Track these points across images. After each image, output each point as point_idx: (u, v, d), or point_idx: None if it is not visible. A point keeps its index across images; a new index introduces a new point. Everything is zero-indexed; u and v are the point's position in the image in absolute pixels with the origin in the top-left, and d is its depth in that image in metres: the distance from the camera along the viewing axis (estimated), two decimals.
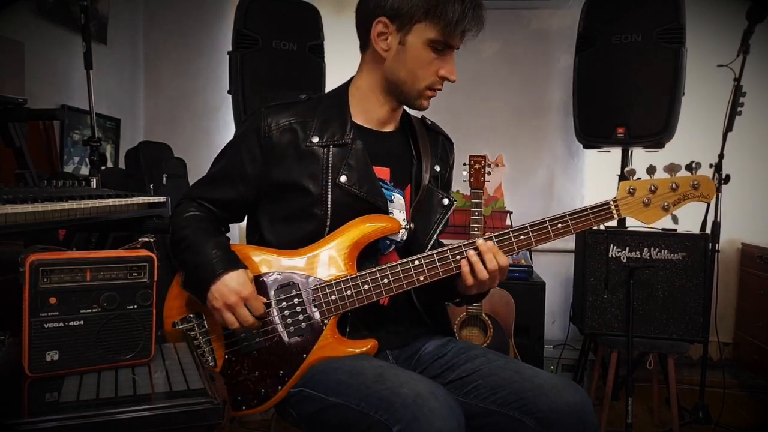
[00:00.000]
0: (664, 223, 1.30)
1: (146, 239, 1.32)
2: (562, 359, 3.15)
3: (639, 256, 2.39)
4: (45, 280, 0.93)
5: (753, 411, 2.87)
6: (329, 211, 1.26)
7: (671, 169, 1.22)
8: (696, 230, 2.48)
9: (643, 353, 2.67)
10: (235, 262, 1.22)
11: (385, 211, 1.28)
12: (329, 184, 1.26)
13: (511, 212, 3.27)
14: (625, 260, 2.39)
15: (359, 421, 1.04)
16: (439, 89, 1.29)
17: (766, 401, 2.99)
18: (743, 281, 3.26)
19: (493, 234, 1.23)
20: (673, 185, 1.23)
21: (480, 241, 1.21)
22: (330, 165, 1.26)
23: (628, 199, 1.24)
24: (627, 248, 2.39)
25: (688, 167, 1.22)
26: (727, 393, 2.63)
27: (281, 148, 1.26)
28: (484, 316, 2.47)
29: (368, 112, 1.33)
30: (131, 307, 0.99)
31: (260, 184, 1.29)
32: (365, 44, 1.30)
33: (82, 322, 0.95)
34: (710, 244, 2.39)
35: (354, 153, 1.27)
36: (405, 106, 1.36)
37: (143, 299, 1.00)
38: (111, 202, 1.47)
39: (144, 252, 1.02)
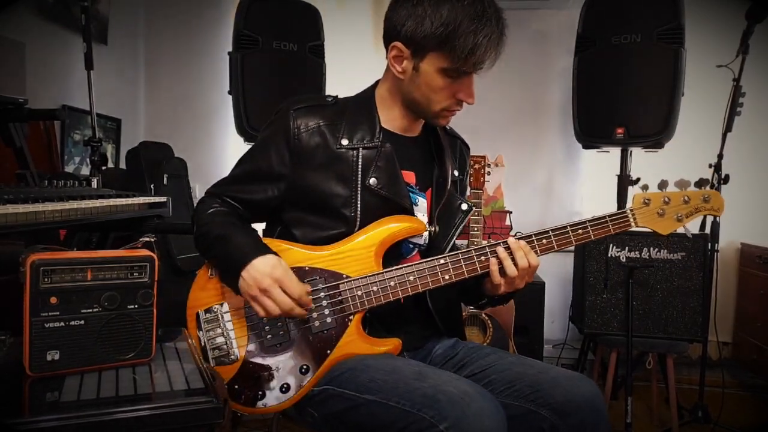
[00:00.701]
0: None
1: (147, 239, 1.33)
2: (561, 359, 3.16)
3: (638, 255, 2.39)
4: (46, 279, 0.93)
5: (752, 410, 2.88)
6: (359, 213, 1.27)
7: (682, 184, 1.28)
8: (695, 230, 2.49)
9: (643, 353, 2.67)
10: (265, 249, 1.21)
11: (412, 213, 1.29)
12: (359, 186, 1.27)
13: (511, 212, 3.27)
14: (624, 260, 2.39)
15: (398, 419, 1.03)
16: (458, 110, 1.29)
17: (766, 401, 2.99)
18: (742, 281, 3.26)
19: (517, 237, 1.25)
20: (685, 198, 1.28)
21: (511, 239, 1.23)
22: (360, 167, 1.27)
23: (644, 209, 1.28)
24: (626, 248, 2.40)
25: (698, 184, 1.28)
26: (726, 393, 2.64)
27: (310, 150, 1.27)
28: (483, 315, 2.48)
29: (393, 119, 1.34)
30: (132, 306, 1.00)
31: (289, 186, 1.29)
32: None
33: (82, 322, 0.96)
34: (710, 244, 2.40)
35: (383, 156, 1.28)
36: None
37: (144, 299, 1.01)
38: (112, 202, 1.48)
39: (145, 252, 1.03)
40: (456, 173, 1.40)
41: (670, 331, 2.37)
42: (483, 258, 1.24)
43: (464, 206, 1.38)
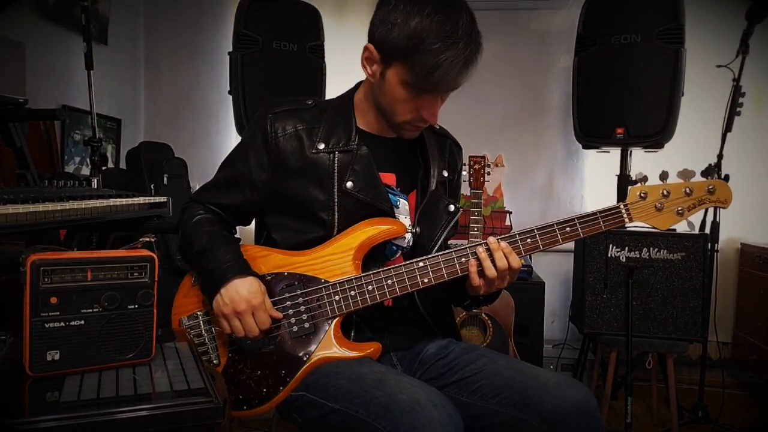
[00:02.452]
0: None
1: (147, 239, 1.33)
2: (561, 359, 3.16)
3: (638, 255, 2.39)
4: (46, 279, 0.93)
5: (752, 410, 2.88)
6: (336, 217, 1.26)
7: (685, 174, 1.20)
8: (695, 230, 2.49)
9: (643, 353, 2.67)
10: (246, 269, 1.22)
11: (391, 216, 1.28)
12: (335, 190, 1.26)
13: (511, 212, 3.27)
14: (624, 260, 2.39)
15: (359, 428, 1.04)
16: (422, 126, 1.25)
17: (765, 401, 2.99)
18: (742, 281, 3.26)
19: (499, 237, 1.21)
20: (687, 190, 1.20)
21: (491, 239, 1.20)
22: (336, 171, 1.26)
23: (640, 204, 1.21)
24: (626, 248, 2.39)
25: (704, 173, 1.20)
26: (726, 392, 2.64)
27: (287, 154, 1.26)
28: (483, 315, 2.48)
29: (371, 121, 1.32)
30: (132, 306, 1.00)
31: (268, 189, 1.29)
32: None
33: (82, 322, 0.96)
34: (709, 244, 2.40)
35: (359, 159, 1.27)
36: None
37: (144, 299, 1.00)
38: (112, 202, 1.48)
39: (145, 252, 1.03)
40: (445, 173, 1.38)
41: (669, 331, 2.37)
42: (463, 260, 1.21)
43: (451, 207, 1.35)
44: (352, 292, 1.22)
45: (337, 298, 1.22)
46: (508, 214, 3.27)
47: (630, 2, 2.63)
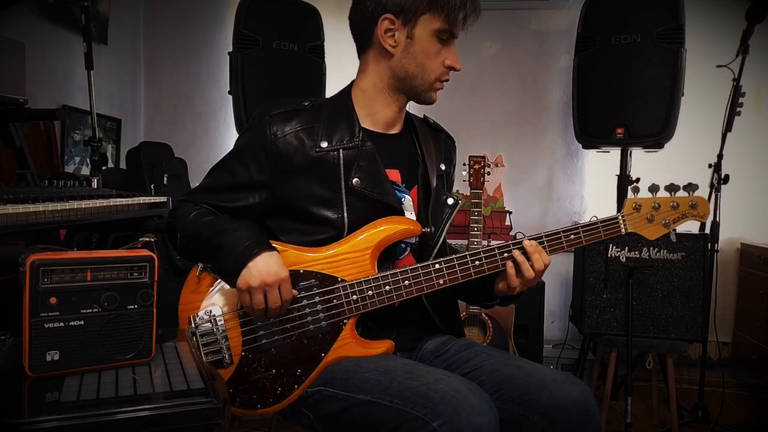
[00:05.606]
0: None
1: (147, 239, 1.32)
2: (561, 359, 3.17)
3: (638, 255, 2.39)
4: (45, 280, 0.93)
5: (752, 410, 2.88)
6: (345, 215, 1.25)
7: (671, 188, 1.29)
8: (695, 230, 2.49)
9: (643, 353, 2.67)
10: (269, 244, 1.21)
11: (400, 212, 1.28)
12: (342, 187, 1.25)
13: (511, 212, 3.27)
14: (624, 260, 2.39)
15: (392, 418, 1.04)
16: (447, 80, 1.30)
17: (765, 401, 2.99)
18: (742, 281, 3.26)
19: (511, 242, 1.25)
20: (674, 204, 1.31)
21: (527, 242, 1.24)
22: (342, 168, 1.26)
23: (635, 215, 1.30)
24: (626, 248, 2.40)
25: (686, 188, 1.30)
26: (726, 392, 2.64)
27: (288, 155, 1.25)
28: (483, 315, 2.48)
29: (374, 114, 1.32)
30: (132, 306, 0.99)
31: (270, 193, 1.27)
32: (367, 45, 1.32)
33: (82, 322, 0.96)
34: (709, 244, 2.40)
35: (365, 155, 1.27)
36: (414, 101, 1.33)
37: (144, 299, 1.00)
38: (112, 202, 1.48)
39: (145, 252, 1.02)
40: (442, 167, 1.39)
41: (669, 331, 2.37)
42: (477, 262, 1.23)
43: (450, 201, 1.37)
44: (370, 292, 1.22)
45: (354, 297, 1.22)
46: (508, 214, 3.27)
47: (630, 2, 2.63)
